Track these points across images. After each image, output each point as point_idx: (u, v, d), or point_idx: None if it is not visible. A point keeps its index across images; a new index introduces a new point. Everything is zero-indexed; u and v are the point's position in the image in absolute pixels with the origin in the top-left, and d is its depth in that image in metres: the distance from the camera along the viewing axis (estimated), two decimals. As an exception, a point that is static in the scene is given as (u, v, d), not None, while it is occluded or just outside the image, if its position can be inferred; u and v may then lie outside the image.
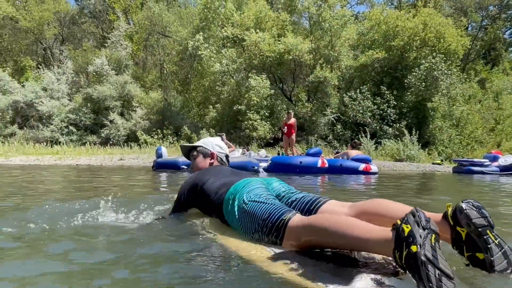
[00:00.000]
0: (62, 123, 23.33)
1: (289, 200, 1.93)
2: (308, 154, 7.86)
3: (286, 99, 22.42)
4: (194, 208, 2.38)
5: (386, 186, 5.79)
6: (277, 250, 1.62)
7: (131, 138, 22.29)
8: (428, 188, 5.99)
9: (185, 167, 7.86)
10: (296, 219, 1.62)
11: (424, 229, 1.19)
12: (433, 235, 1.19)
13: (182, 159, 8.17)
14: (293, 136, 11.11)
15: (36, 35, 28.65)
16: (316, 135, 20.70)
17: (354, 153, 8.46)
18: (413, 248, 1.15)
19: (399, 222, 1.26)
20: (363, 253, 1.54)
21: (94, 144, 21.37)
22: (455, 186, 6.44)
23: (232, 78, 21.82)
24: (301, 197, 1.92)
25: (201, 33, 22.31)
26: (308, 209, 1.85)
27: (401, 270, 1.29)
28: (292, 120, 11.07)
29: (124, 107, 24.25)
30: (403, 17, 21.89)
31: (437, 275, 1.10)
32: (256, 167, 7.25)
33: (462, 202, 1.40)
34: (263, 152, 10.38)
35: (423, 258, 1.13)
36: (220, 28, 23.21)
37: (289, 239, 1.61)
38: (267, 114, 20.03)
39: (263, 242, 1.72)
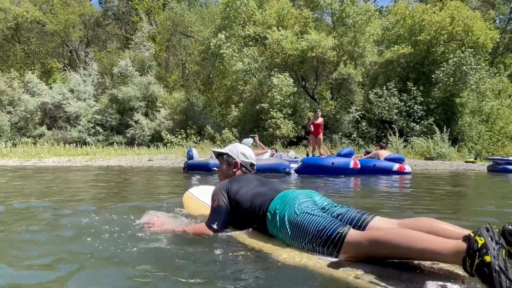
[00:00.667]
0: (89, 123, 23.84)
1: (334, 214, 2.00)
2: (339, 155, 7.73)
3: (309, 97, 22.22)
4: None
5: (425, 189, 5.63)
6: (334, 259, 1.74)
7: (156, 138, 22.58)
8: (467, 190, 5.79)
9: (216, 168, 7.87)
10: (354, 233, 1.72)
11: (496, 243, 1.36)
12: (504, 250, 1.37)
13: (213, 161, 8.18)
14: (320, 136, 10.96)
15: (62, 38, 29.35)
16: (340, 133, 20.45)
17: (385, 153, 8.27)
18: (487, 258, 1.33)
19: (472, 234, 1.43)
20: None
21: (120, 144, 21.77)
22: (494, 187, 6.21)
23: (254, 77, 21.78)
24: (346, 211, 2.00)
25: (223, 32, 22.34)
26: (356, 224, 1.92)
27: (466, 278, 1.48)
28: (320, 120, 10.92)
29: (148, 108, 24.58)
30: (429, 10, 21.31)
31: (507, 283, 1.28)
32: (287, 169, 7.18)
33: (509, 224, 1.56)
34: (292, 153, 10.28)
35: (496, 267, 1.30)
36: (242, 26, 23.19)
37: (346, 252, 1.71)
38: (290, 113, 19.90)
39: (314, 253, 1.81)
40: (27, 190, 5.01)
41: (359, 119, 20.56)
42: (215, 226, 2.21)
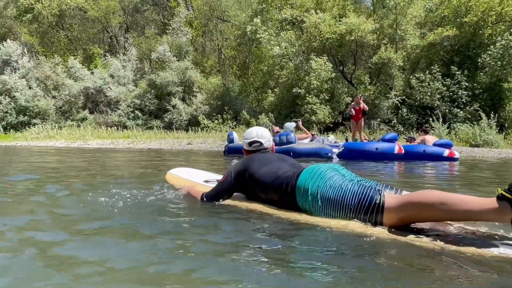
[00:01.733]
0: (129, 108, 24.54)
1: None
2: (383, 140, 7.52)
3: (346, 82, 21.73)
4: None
5: (476, 176, 5.40)
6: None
7: (193, 123, 22.94)
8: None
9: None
10: (391, 199, 1.82)
11: None
12: None
13: (253, 144, 8.21)
14: (361, 121, 10.72)
15: (103, 24, 30.15)
16: (378, 119, 19.93)
17: (431, 138, 7.97)
18: None
19: (504, 193, 1.55)
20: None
21: (158, 128, 22.31)
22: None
23: (291, 61, 21.51)
24: (373, 184, 2.05)
25: (259, 16, 22.12)
26: None
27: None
28: (361, 105, 10.67)
29: (185, 93, 24.94)
30: (478, -10, 20.09)
31: None
32: (330, 154, 7.09)
33: None
34: (332, 137, 10.12)
35: None
36: (279, 10, 22.87)
37: (389, 218, 1.80)
38: (327, 98, 19.57)
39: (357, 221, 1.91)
40: (88, 167, 5.24)
41: (399, 104, 19.93)
42: (205, 198, 2.58)
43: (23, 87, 25.39)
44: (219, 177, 3.39)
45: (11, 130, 23.24)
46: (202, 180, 3.27)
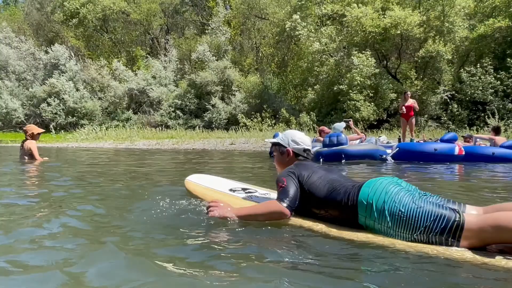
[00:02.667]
0: (170, 108, 25.04)
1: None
2: (442, 140, 7.05)
3: (391, 77, 20.93)
4: None
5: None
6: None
7: (232, 122, 23.03)
8: None
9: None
10: (472, 219, 1.71)
11: None
12: None
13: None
14: (413, 119, 10.19)
15: (145, 26, 30.97)
16: (426, 116, 19.04)
17: (500, 139, 7.34)
18: None
19: None
20: None
21: (198, 128, 22.58)
22: None
23: (331, 57, 21.01)
24: (437, 200, 1.96)
25: (298, 12, 21.76)
26: None
27: None
28: (411, 101, 10.13)
29: (224, 92, 25.07)
30: (535, -24, 18.66)
31: None
32: (384, 156, 6.73)
33: None
34: (383, 137, 9.66)
35: None
36: (319, 5, 22.39)
37: (467, 239, 1.69)
38: (371, 95, 18.93)
39: (426, 243, 1.78)
40: (144, 169, 5.27)
41: (448, 100, 18.94)
42: (287, 201, 2.14)
43: (71, 89, 26.55)
44: (244, 185, 3.18)
45: (61, 130, 24.35)
46: (227, 189, 2.94)
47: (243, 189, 2.96)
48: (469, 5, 20.21)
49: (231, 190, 2.91)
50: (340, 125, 7.39)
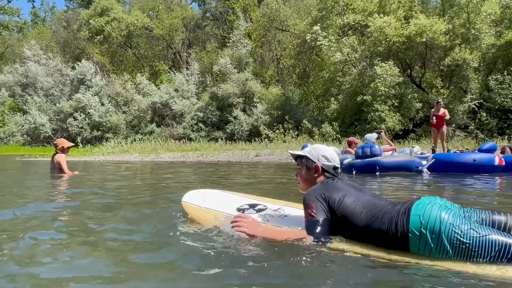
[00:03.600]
0: (192, 120, 25.30)
1: (478, 221, 1.92)
2: (480, 150, 6.78)
3: (415, 87, 20.57)
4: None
5: None
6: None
7: (253, 133, 23.04)
8: None
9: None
10: None
11: None
12: None
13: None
14: (444, 129, 9.91)
15: (167, 41, 31.62)
16: (454, 125, 18.57)
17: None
18: None
19: None
20: None
21: (221, 139, 22.67)
22: None
23: (354, 67, 20.85)
24: (485, 216, 1.93)
25: (319, 24, 21.76)
26: (499, 227, 1.87)
27: None
28: (442, 111, 9.88)
29: (246, 103, 25.18)
30: None
31: None
32: (420, 167, 6.52)
33: None
34: (417, 148, 9.41)
35: None
36: (340, 16, 22.36)
37: None
38: (396, 104, 18.62)
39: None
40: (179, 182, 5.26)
41: (476, 109, 18.44)
42: (318, 235, 1.95)
43: (96, 104, 27.21)
44: (251, 200, 2.87)
45: (87, 144, 24.88)
46: (233, 209, 2.59)
47: (251, 206, 2.65)
48: (495, 11, 19.78)
49: (239, 210, 2.59)
50: (372, 135, 7.22)
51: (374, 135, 7.28)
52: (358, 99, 19.12)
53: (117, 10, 31.25)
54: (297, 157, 2.41)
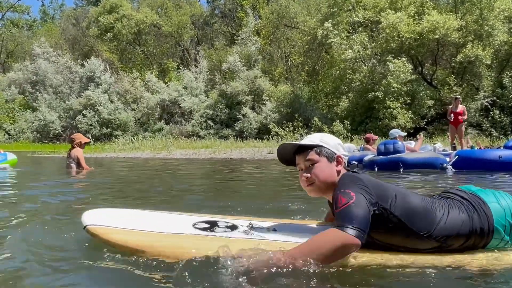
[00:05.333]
0: (201, 118, 25.27)
1: None
2: (506, 147, 6.66)
3: (426, 84, 20.40)
4: None
5: None
6: None
7: (262, 131, 22.96)
8: None
9: (355, 162, 7.43)
10: None
11: None
12: None
13: (351, 154, 7.76)
14: (462, 127, 9.79)
15: (176, 39, 31.61)
16: (466, 123, 18.33)
17: None
18: None
19: None
20: None
21: (233, 137, 22.63)
22: None
23: (364, 64, 20.70)
24: None
25: (330, 20, 21.61)
26: None
27: None
28: (460, 108, 9.75)
29: (254, 101, 25.09)
30: None
31: None
32: (445, 164, 6.42)
33: None
34: (439, 144, 9.29)
35: None
36: (350, 13, 22.19)
37: None
38: (408, 101, 18.47)
39: None
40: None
41: (489, 106, 18.24)
42: (355, 225, 1.42)
43: (106, 101, 27.25)
44: (200, 217, 2.00)
45: (96, 141, 24.94)
46: (190, 227, 1.79)
47: (211, 225, 1.85)
48: (509, 7, 19.53)
49: (206, 229, 1.79)
50: (397, 131, 7.11)
51: (397, 130, 7.18)
52: (370, 95, 18.99)
53: (126, 7, 31.32)
54: (302, 150, 1.78)
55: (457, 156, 6.52)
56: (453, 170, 6.43)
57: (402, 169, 6.27)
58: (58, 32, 38.46)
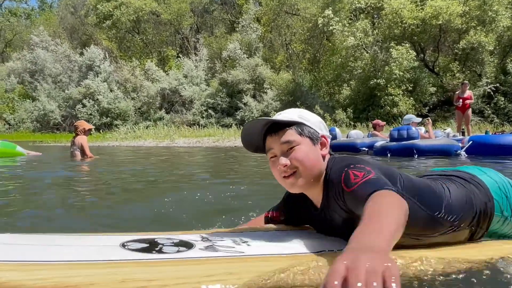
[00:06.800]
0: (202, 107, 25.14)
1: None
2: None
3: (428, 71, 20.31)
4: None
5: None
6: None
7: (264, 119, 22.85)
8: None
9: (365, 149, 7.42)
10: None
11: None
12: None
13: (361, 140, 7.73)
14: (469, 112, 9.76)
15: (175, 26, 31.25)
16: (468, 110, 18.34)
17: None
18: None
19: None
20: None
21: (231, 126, 22.55)
22: None
23: (366, 52, 20.56)
24: None
25: (331, 7, 21.38)
26: None
27: None
28: (468, 93, 9.72)
29: (256, 90, 24.96)
30: None
31: None
32: (458, 151, 6.40)
33: None
34: (449, 130, 9.25)
35: None
36: (352, -1, 21.96)
37: None
38: (410, 89, 18.40)
39: None
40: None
41: (492, 93, 18.19)
42: (390, 186, 1.12)
43: (105, 90, 27.05)
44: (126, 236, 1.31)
45: (97, 131, 24.80)
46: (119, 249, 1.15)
47: (151, 244, 1.22)
48: (514, -8, 19.38)
49: (145, 250, 1.17)
50: (411, 116, 7.06)
51: (413, 116, 7.13)
52: (371, 82, 18.91)
53: (125, -6, 30.84)
54: (283, 128, 1.31)
55: (471, 142, 6.49)
56: (466, 155, 6.42)
57: (416, 155, 6.25)
58: (56, 21, 37.97)
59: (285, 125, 1.30)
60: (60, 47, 30.66)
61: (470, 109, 9.82)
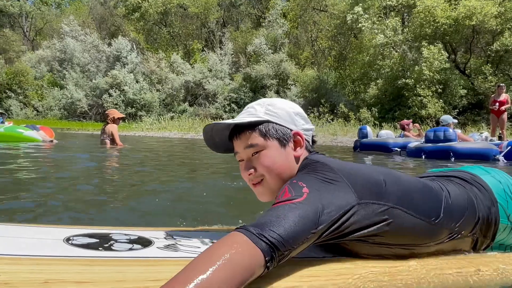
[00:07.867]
0: (225, 101, 25.20)
1: None
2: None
3: (459, 72, 19.76)
4: None
5: None
6: None
7: (287, 116, 22.73)
8: None
9: (397, 149, 7.28)
10: None
11: None
12: None
13: (393, 140, 7.59)
14: (504, 116, 9.43)
15: (201, 20, 31.39)
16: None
17: None
18: None
19: None
20: None
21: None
22: None
23: (395, 50, 20.15)
24: None
25: (360, 4, 21.03)
26: None
27: None
28: (504, 96, 9.39)
29: (279, 85, 24.84)
30: None
31: None
32: (497, 155, 6.19)
33: None
34: (486, 134, 8.96)
35: None
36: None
37: None
38: (440, 90, 17.95)
39: None
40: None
41: (526, 97, 17.58)
42: (275, 232, 0.84)
43: (131, 81, 27.41)
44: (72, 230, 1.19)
45: (122, 121, 25.24)
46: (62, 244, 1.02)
47: (103, 239, 1.10)
48: (552, -6, 18.62)
49: (94, 246, 1.03)
50: (448, 117, 6.87)
51: (450, 117, 6.94)
52: (399, 82, 18.55)
53: (153, -13, 31.16)
54: (246, 130, 1.16)
55: (510, 147, 6.26)
56: (505, 161, 6.21)
57: (453, 158, 6.08)
58: (86, 11, 38.74)
59: (248, 126, 1.14)
60: (89, 37, 31.22)
61: (506, 113, 9.47)
